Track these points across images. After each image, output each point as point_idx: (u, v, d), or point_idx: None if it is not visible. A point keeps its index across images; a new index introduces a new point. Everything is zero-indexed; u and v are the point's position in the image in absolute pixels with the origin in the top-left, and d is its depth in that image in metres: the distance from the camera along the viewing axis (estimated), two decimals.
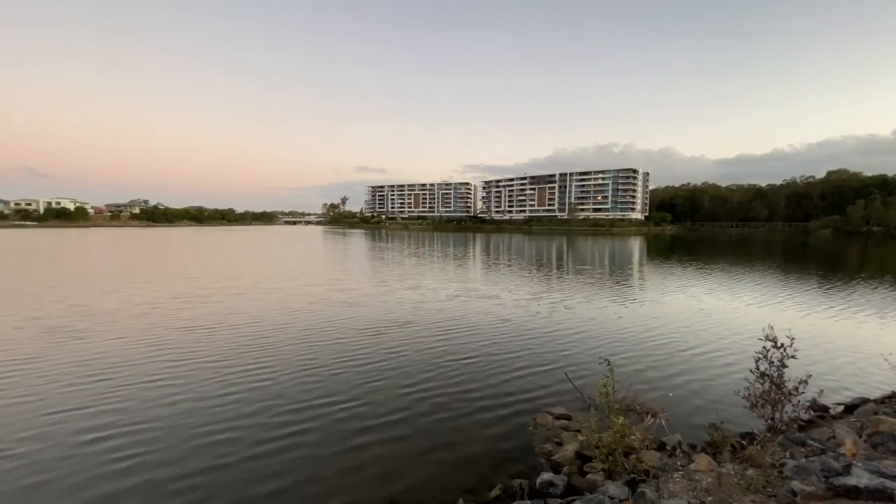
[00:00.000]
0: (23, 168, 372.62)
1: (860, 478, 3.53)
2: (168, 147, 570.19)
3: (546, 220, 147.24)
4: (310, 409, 7.68)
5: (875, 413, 6.51)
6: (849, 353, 11.36)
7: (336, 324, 13.86)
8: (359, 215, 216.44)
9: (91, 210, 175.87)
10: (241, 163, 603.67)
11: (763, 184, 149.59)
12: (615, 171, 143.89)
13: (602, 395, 5.84)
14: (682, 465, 4.92)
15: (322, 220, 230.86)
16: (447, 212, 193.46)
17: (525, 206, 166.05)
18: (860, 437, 5.39)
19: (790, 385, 5.87)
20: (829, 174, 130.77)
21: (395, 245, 60.82)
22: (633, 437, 5.40)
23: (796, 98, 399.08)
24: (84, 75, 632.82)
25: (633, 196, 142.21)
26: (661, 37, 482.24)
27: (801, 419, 6.49)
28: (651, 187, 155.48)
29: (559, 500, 4.81)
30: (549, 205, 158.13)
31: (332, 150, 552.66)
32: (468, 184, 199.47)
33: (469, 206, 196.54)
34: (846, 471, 3.75)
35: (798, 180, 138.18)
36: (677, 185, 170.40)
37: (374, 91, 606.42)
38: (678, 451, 5.15)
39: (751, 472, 4.27)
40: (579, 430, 6.47)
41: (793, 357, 5.86)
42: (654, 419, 6.89)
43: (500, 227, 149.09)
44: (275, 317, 14.74)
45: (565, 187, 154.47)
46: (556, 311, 16.38)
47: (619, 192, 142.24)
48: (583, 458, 5.81)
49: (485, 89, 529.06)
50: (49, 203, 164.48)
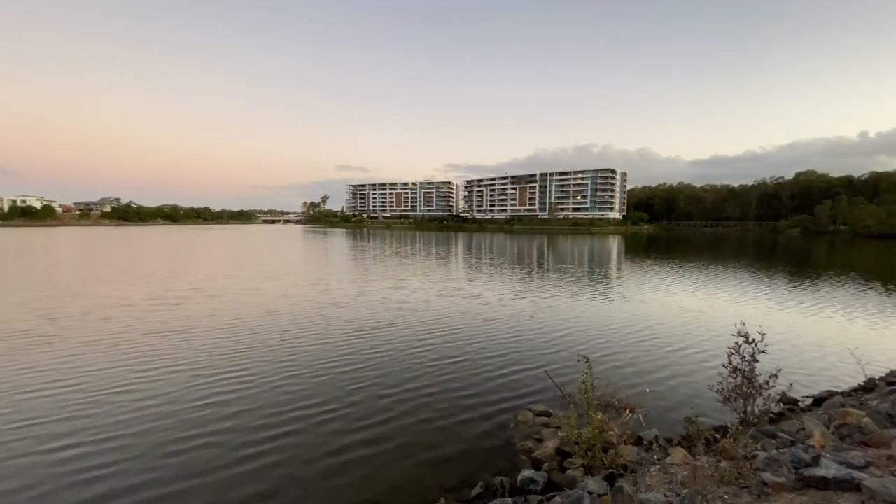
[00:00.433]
0: None
1: (828, 468, 3.66)
2: (141, 144, 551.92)
3: (527, 220, 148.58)
4: (290, 413, 7.56)
5: (842, 405, 6.74)
6: (817, 347, 11.83)
7: (317, 325, 13.66)
8: (340, 214, 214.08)
9: (59, 208, 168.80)
10: (218, 161, 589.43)
11: (736, 184, 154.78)
12: (594, 171, 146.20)
13: (581, 392, 5.93)
14: (658, 459, 5.02)
15: (302, 219, 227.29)
16: (429, 211, 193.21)
17: (507, 205, 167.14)
18: (828, 428, 5.57)
19: (761, 379, 6.08)
20: (798, 175, 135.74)
21: (378, 244, 60.37)
22: (612, 433, 5.50)
23: (767, 101, 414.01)
24: (52, 69, 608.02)
25: (612, 196, 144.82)
26: (638, 40, 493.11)
27: (771, 412, 6.73)
28: (629, 187, 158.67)
29: (539, 497, 4.86)
30: (531, 204, 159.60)
31: (313, 148, 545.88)
32: (450, 183, 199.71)
33: (451, 206, 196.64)
34: (815, 462, 3.89)
35: (768, 181, 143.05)
36: (654, 185, 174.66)
37: (355, 89, 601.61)
38: (654, 445, 5.27)
39: (724, 464, 4.39)
40: (559, 427, 6.57)
41: (763, 352, 6.07)
42: (631, 414, 7.04)
43: (482, 226, 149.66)
44: (253, 319, 14.41)
45: (546, 187, 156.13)
46: (537, 310, 16.54)
47: (598, 192, 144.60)
48: (563, 454, 5.90)
49: (467, 89, 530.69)
50: (14, 201, 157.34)
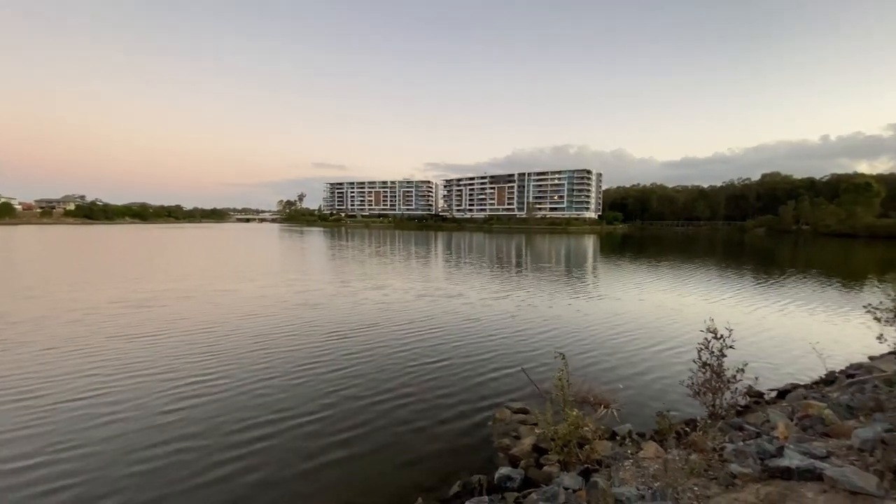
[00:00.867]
0: None
1: (792, 459, 3.81)
2: (108, 140, 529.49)
3: (506, 219, 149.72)
4: (263, 417, 7.40)
5: (805, 398, 7.03)
6: (781, 342, 12.35)
7: (294, 328, 13.36)
8: (317, 213, 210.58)
9: (19, 206, 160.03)
10: (190, 157, 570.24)
11: (706, 185, 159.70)
12: (570, 171, 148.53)
13: (557, 389, 6.01)
14: (631, 454, 5.14)
15: (278, 217, 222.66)
16: (409, 210, 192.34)
17: (485, 204, 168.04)
18: (792, 420, 5.80)
19: (729, 373, 6.29)
20: (764, 177, 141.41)
21: (356, 244, 59.73)
22: (587, 428, 5.59)
23: (735, 105, 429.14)
24: (7, 58, 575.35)
25: (588, 196, 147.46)
26: (613, 44, 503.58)
27: (739, 405, 6.98)
28: (604, 187, 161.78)
29: (516, 494, 4.90)
30: (509, 204, 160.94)
31: (289, 146, 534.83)
32: (430, 182, 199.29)
33: (430, 205, 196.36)
34: (779, 453, 4.04)
35: (736, 182, 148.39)
36: (628, 185, 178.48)
37: (332, 87, 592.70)
38: (627, 439, 5.39)
39: (694, 456, 4.51)
40: (536, 424, 6.63)
41: (731, 347, 6.28)
42: (606, 410, 7.18)
43: (461, 225, 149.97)
44: (227, 322, 13.99)
45: (524, 187, 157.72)
46: (516, 308, 16.70)
47: (575, 192, 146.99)
48: (539, 450, 5.96)
49: (445, 88, 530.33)
50: None
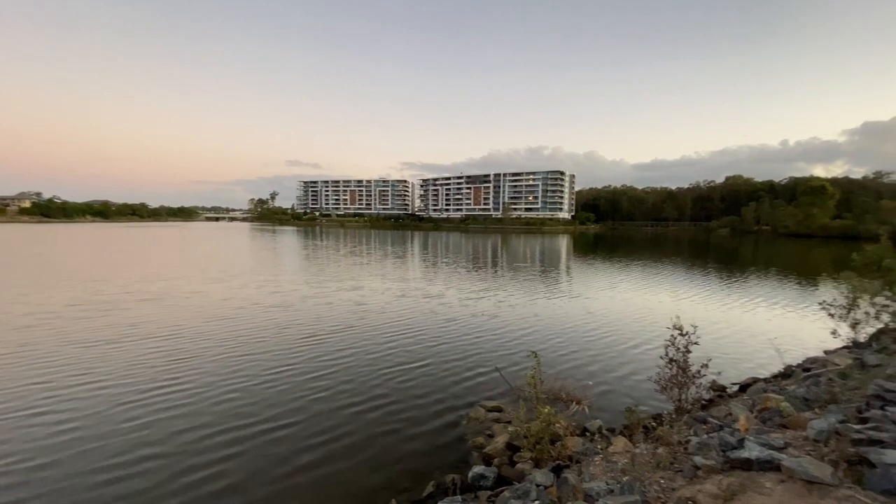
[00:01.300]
0: None
1: (751, 450, 3.94)
2: (69, 135, 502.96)
3: (482, 219, 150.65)
4: (233, 422, 7.19)
5: (764, 391, 7.31)
6: (743, 337, 12.88)
7: (266, 331, 12.92)
8: (290, 212, 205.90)
9: None
10: (156, 154, 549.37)
11: (674, 187, 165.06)
12: (545, 172, 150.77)
13: (530, 386, 6.07)
14: (601, 449, 5.23)
15: (249, 216, 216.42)
16: (385, 209, 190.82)
17: (462, 204, 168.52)
18: (752, 413, 6.02)
19: (694, 369, 6.51)
20: (727, 179, 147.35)
21: (331, 243, 58.79)
22: (559, 425, 5.66)
23: (700, 109, 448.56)
24: None
25: (561, 197, 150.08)
26: (586, 49, 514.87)
27: (703, 399, 7.22)
28: (577, 188, 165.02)
29: (489, 493, 4.91)
30: (485, 204, 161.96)
31: (261, 143, 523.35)
32: (406, 181, 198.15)
33: (407, 204, 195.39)
34: (740, 444, 4.17)
35: (702, 184, 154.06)
36: (600, 186, 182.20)
37: (307, 84, 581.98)
38: (597, 435, 5.48)
39: (661, 450, 4.63)
40: (510, 422, 6.67)
41: (696, 343, 6.50)
42: (578, 406, 7.30)
43: (438, 225, 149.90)
44: (194, 325, 13.39)
45: (499, 187, 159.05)
46: (493, 308, 16.80)
47: (549, 193, 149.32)
48: (513, 448, 5.99)
49: (423, 88, 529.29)
50: None
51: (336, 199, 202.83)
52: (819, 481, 3.24)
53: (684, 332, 6.42)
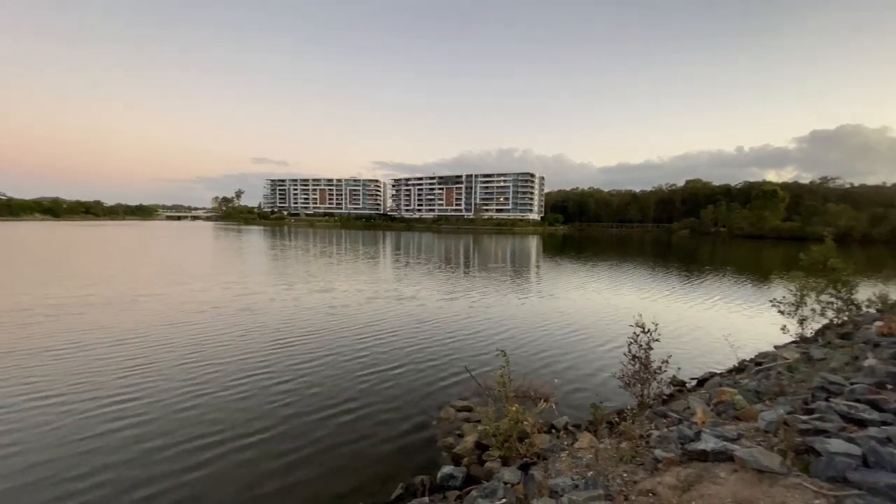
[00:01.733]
0: None
1: (707, 442, 4.12)
2: (14, 125, 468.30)
3: (454, 220, 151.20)
4: (196, 433, 6.90)
5: (720, 385, 7.68)
6: (700, 334, 13.48)
7: (231, 336, 12.30)
8: (257, 211, 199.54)
9: None
10: (114, 150, 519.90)
11: (638, 190, 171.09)
12: (515, 174, 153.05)
13: (500, 385, 6.13)
14: (567, 445, 5.35)
15: (213, 215, 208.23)
16: (356, 209, 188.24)
17: (434, 205, 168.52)
18: (709, 406, 6.31)
19: (655, 365, 6.76)
20: (687, 183, 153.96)
21: (300, 243, 57.43)
22: (527, 423, 5.74)
23: (663, 116, 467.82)
24: None
25: (531, 198, 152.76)
26: (554, 54, 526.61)
27: (664, 394, 7.51)
28: (546, 190, 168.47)
29: (458, 492, 4.92)
30: (457, 205, 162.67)
31: (225, 139, 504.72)
32: (378, 181, 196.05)
33: (379, 204, 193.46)
34: (697, 437, 4.36)
35: (664, 187, 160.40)
36: (568, 188, 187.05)
37: (274, 80, 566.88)
38: (563, 431, 5.60)
39: (624, 444, 4.77)
40: (479, 421, 6.72)
41: (657, 340, 6.75)
42: (546, 404, 7.42)
43: (410, 225, 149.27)
44: (153, 331, 12.64)
45: (471, 188, 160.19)
46: (464, 309, 16.89)
47: (519, 195, 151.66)
48: (482, 447, 6.04)
49: (395, 88, 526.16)
50: None
51: (305, 199, 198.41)
52: (769, 470, 3.42)
53: (646, 330, 6.65)
